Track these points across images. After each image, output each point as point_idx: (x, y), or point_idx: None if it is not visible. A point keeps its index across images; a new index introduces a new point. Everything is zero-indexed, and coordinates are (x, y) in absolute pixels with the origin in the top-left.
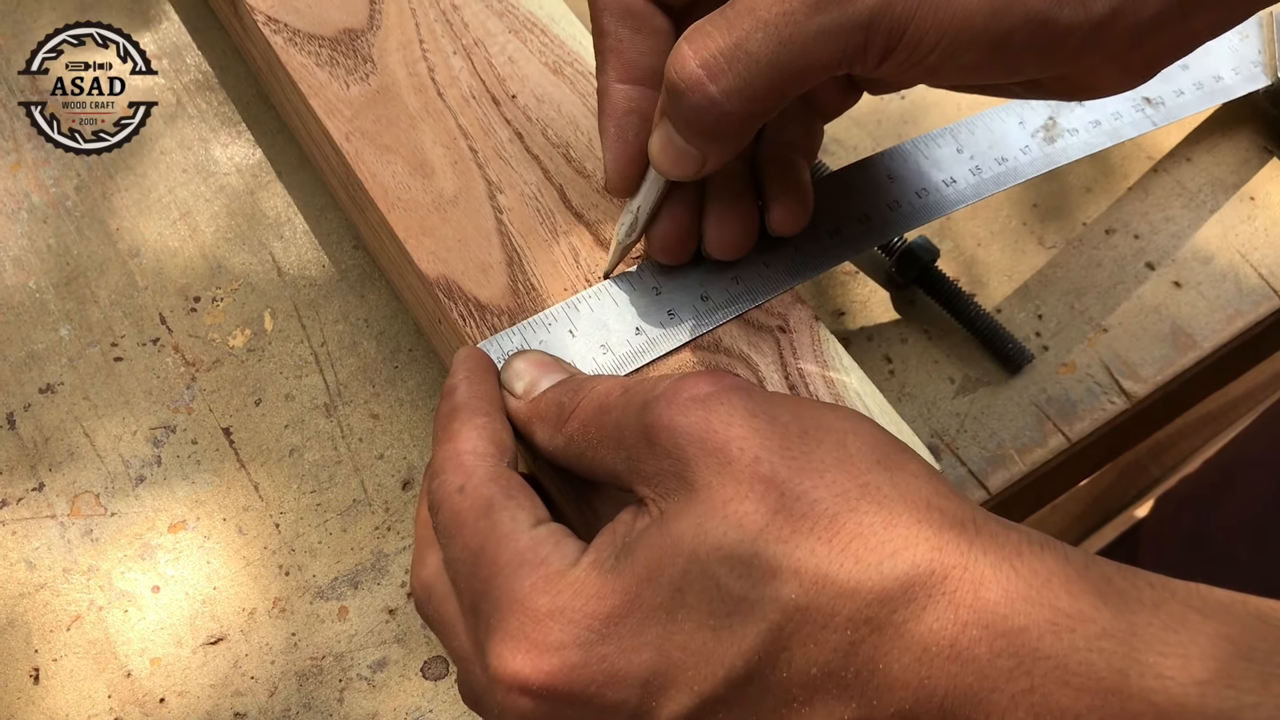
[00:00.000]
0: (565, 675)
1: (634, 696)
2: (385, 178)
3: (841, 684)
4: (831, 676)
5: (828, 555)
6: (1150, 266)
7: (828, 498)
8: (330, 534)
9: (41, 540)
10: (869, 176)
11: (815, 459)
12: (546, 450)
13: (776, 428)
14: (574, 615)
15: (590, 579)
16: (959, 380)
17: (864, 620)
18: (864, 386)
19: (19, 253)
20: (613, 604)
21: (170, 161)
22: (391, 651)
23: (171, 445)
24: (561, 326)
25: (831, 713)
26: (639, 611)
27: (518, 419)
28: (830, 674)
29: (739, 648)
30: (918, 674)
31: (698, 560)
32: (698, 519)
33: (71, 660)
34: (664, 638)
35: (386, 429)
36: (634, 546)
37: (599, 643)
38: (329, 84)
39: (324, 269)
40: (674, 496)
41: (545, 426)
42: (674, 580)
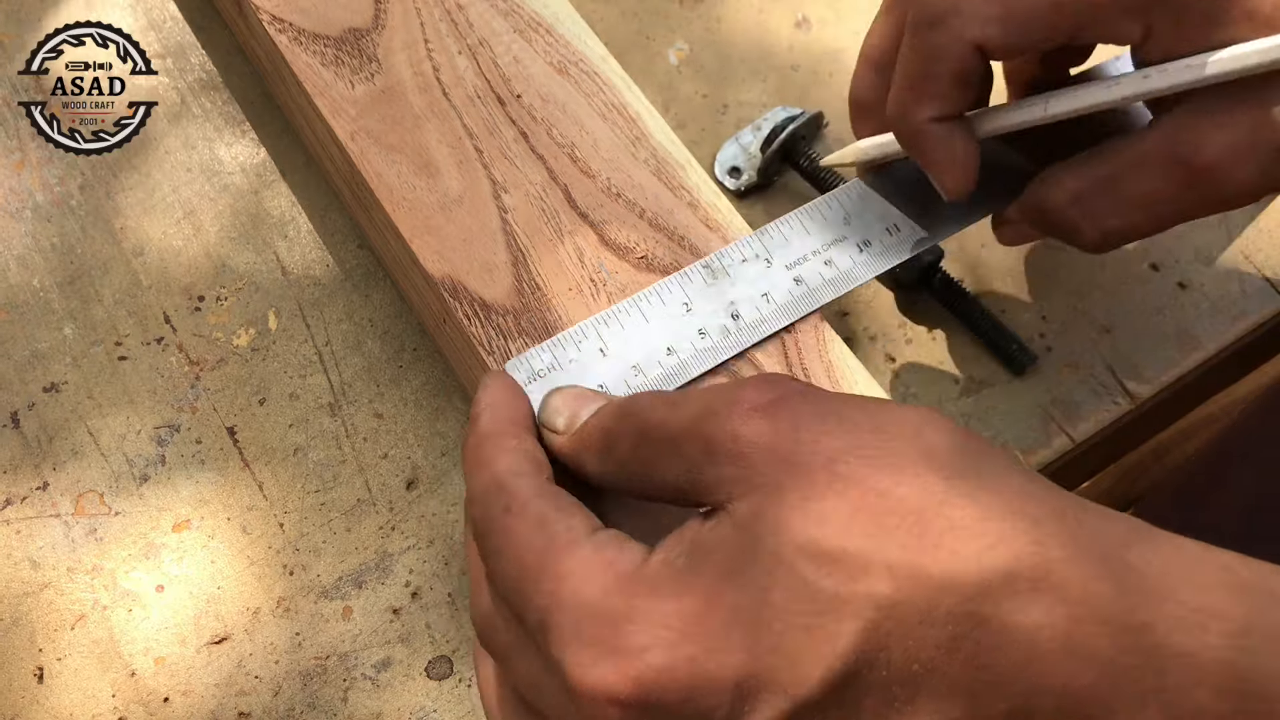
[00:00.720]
0: (652, 679)
1: (725, 702)
2: (390, 177)
3: (947, 681)
4: (935, 673)
5: (919, 549)
6: (1154, 267)
7: (912, 494)
8: (334, 534)
9: (46, 539)
10: (896, 183)
11: (893, 455)
12: (599, 479)
13: (847, 426)
14: (653, 616)
15: (665, 577)
16: (963, 381)
17: (965, 614)
18: (869, 387)
19: (23, 251)
20: (693, 603)
21: (174, 161)
22: (396, 651)
23: (176, 444)
24: (592, 344)
25: (938, 711)
26: (722, 611)
27: (565, 454)
28: (933, 670)
29: (834, 647)
30: (1029, 670)
31: (781, 559)
32: (776, 518)
33: (76, 659)
34: (753, 639)
35: (391, 428)
36: (707, 546)
37: (684, 643)
38: (334, 83)
39: (328, 268)
40: (745, 499)
41: (595, 456)
42: (757, 579)
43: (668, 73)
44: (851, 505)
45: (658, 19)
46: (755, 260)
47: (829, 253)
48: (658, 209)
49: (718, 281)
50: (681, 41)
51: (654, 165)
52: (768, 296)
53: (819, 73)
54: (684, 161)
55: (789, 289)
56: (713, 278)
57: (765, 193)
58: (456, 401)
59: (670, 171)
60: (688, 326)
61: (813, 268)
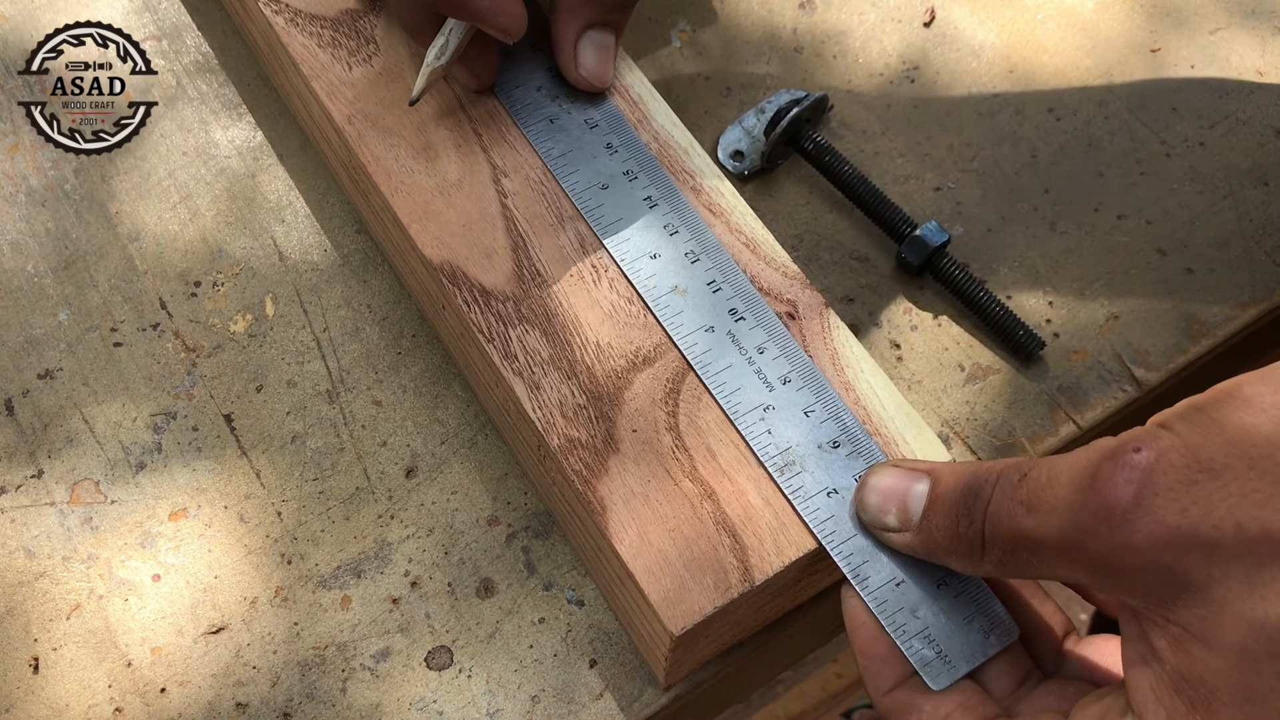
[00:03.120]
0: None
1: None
2: (388, 161)
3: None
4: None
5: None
6: (1162, 252)
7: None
8: (333, 522)
9: (41, 528)
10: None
11: (1268, 480)
12: (975, 575)
13: (1225, 479)
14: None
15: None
16: (969, 368)
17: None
18: (874, 374)
19: (17, 236)
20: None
21: (170, 145)
22: (395, 641)
23: (172, 432)
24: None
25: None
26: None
27: (914, 551)
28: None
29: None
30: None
31: (1276, 654)
32: (1240, 614)
33: (71, 649)
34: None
35: (390, 416)
36: (1197, 678)
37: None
38: (331, 65)
39: (326, 253)
40: (1181, 605)
41: (959, 560)
42: (1269, 684)
43: (670, 54)
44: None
45: (660, 0)
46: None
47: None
48: None
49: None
50: (684, 23)
51: (656, 148)
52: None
53: (823, 55)
54: (687, 145)
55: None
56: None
57: (769, 176)
58: (456, 388)
59: (673, 155)
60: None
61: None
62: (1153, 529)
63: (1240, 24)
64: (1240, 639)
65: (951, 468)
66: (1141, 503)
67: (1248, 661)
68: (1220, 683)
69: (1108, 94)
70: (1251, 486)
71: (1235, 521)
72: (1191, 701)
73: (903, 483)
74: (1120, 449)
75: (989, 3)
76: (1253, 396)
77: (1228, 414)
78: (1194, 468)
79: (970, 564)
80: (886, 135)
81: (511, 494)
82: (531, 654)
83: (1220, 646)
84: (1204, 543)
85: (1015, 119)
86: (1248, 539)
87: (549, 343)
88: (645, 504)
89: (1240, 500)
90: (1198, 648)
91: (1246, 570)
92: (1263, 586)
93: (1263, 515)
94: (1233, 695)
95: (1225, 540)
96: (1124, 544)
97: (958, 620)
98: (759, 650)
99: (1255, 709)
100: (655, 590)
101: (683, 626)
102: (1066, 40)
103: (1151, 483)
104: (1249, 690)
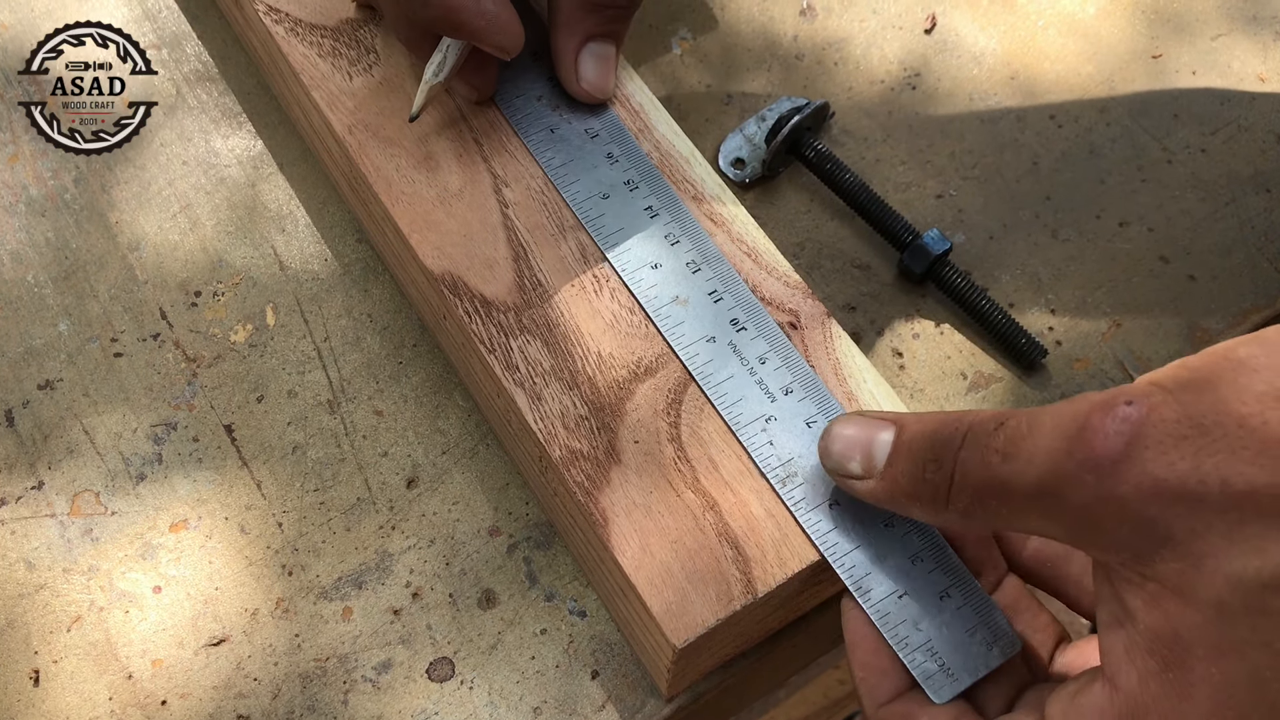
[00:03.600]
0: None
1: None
2: (389, 171)
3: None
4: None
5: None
6: (1165, 260)
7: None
8: (334, 533)
9: (41, 540)
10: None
11: (1274, 433)
12: (932, 522)
13: (1214, 435)
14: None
15: (1162, 696)
16: (971, 376)
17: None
18: (876, 385)
19: (17, 246)
20: (1209, 705)
21: (170, 154)
22: (396, 653)
23: (173, 443)
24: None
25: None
26: (1243, 695)
27: (876, 500)
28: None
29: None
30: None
31: (1252, 608)
32: (1219, 568)
33: (72, 662)
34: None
35: (391, 426)
36: (1173, 637)
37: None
38: (331, 75)
39: (327, 263)
40: (1158, 560)
41: (922, 507)
42: (1243, 637)
43: (671, 62)
44: (1270, 512)
45: (660, 7)
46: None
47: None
48: None
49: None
50: (685, 30)
51: (657, 157)
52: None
53: (824, 62)
54: (688, 154)
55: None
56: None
57: (770, 184)
58: (457, 398)
59: (674, 165)
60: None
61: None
62: (1140, 481)
63: (1242, 30)
64: (1217, 593)
65: (918, 416)
66: (1131, 454)
67: (1223, 615)
68: (1194, 637)
69: (1109, 101)
70: (1240, 444)
71: (1222, 477)
72: (1165, 660)
73: (868, 430)
74: (1111, 400)
75: (990, 10)
76: (1246, 358)
77: (1220, 373)
78: (1184, 424)
79: (933, 511)
80: (888, 143)
81: (513, 504)
82: (533, 665)
83: (1197, 601)
84: (1189, 497)
85: (1017, 126)
86: (1233, 494)
87: (550, 353)
88: (647, 515)
89: (1228, 457)
90: (1174, 603)
91: (1228, 525)
92: (1243, 542)
93: (1249, 472)
94: (1207, 650)
95: (1210, 495)
96: (1109, 494)
97: (960, 632)
98: (762, 660)
99: (1229, 663)
100: (657, 602)
101: (685, 639)
102: (1068, 47)
103: (1142, 435)
104: (1223, 644)
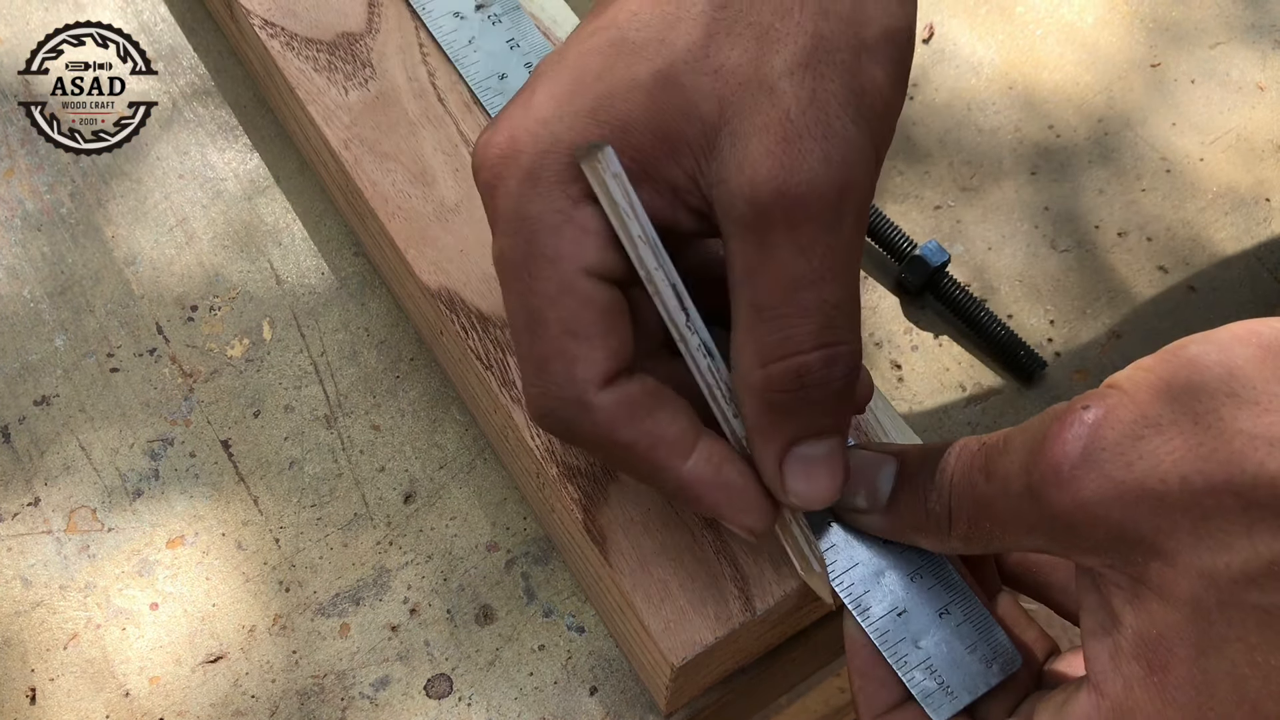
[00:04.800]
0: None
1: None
2: (385, 186)
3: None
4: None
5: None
6: (1164, 270)
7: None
8: (331, 549)
9: (37, 556)
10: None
11: (1228, 428)
12: (943, 552)
13: (1170, 434)
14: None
15: (1145, 701)
16: (970, 388)
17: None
18: (874, 397)
19: (13, 261)
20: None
21: (166, 168)
22: (394, 669)
23: (169, 458)
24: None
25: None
26: (1226, 690)
27: (884, 533)
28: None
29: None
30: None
31: (1226, 604)
32: (1191, 565)
33: (69, 679)
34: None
35: (388, 441)
36: (1155, 639)
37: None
38: (327, 89)
39: (323, 277)
40: (1137, 561)
41: (928, 537)
42: (1220, 634)
43: None
44: (1239, 510)
45: None
46: None
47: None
48: None
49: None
50: None
51: None
52: None
53: None
54: None
55: None
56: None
57: None
58: (454, 413)
59: None
60: None
61: None
62: (1100, 484)
63: (1240, 38)
64: (1191, 591)
65: (918, 447)
66: (1089, 458)
67: (1200, 613)
68: (1175, 638)
69: (1108, 110)
70: (1196, 440)
71: (1180, 475)
72: (1149, 664)
73: (871, 465)
74: (1070, 409)
75: (988, 19)
76: (1198, 355)
77: (1174, 372)
78: (1140, 423)
79: (938, 540)
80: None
81: (510, 519)
82: (531, 681)
83: (1175, 600)
84: (1151, 496)
85: (1015, 136)
86: (1193, 491)
87: None
88: (645, 533)
89: (1185, 454)
90: (1155, 603)
91: (1194, 522)
92: (1209, 538)
93: (1207, 468)
94: (1187, 650)
95: (1171, 493)
96: (1074, 501)
97: (960, 649)
98: (760, 675)
99: (1208, 662)
100: (656, 620)
101: (684, 657)
102: (1066, 56)
103: (1098, 439)
104: (1202, 642)
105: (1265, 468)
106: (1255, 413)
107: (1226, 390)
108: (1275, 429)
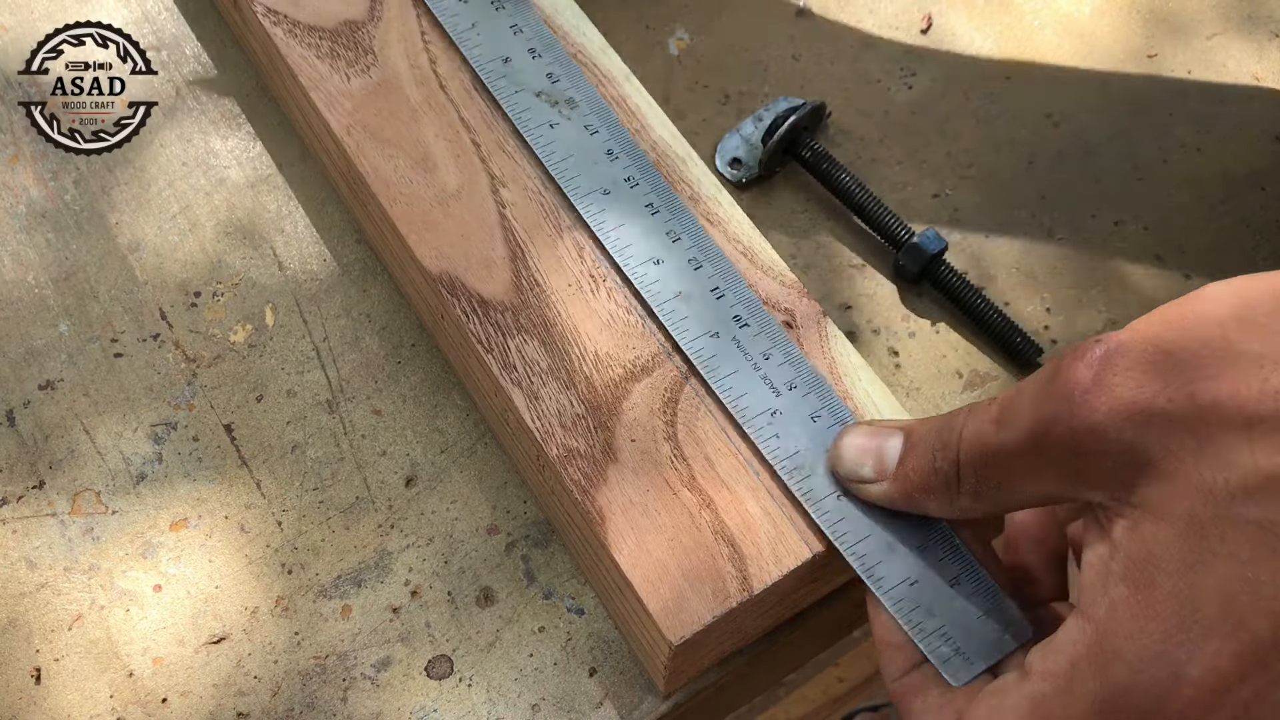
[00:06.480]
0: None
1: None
2: (387, 171)
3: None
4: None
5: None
6: (1160, 258)
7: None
8: (333, 532)
9: (42, 539)
10: None
11: (1236, 349)
12: (946, 514)
13: (1180, 357)
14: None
15: (1128, 614)
16: (967, 375)
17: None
18: (871, 383)
19: (17, 248)
20: (1172, 611)
21: (169, 155)
22: (395, 650)
23: (173, 442)
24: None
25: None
26: (1214, 599)
27: (891, 500)
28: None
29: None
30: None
31: (1221, 518)
32: (1190, 482)
33: (73, 660)
34: (1251, 590)
35: (389, 425)
36: (1145, 555)
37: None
38: (329, 76)
39: (326, 263)
40: (1141, 485)
41: (936, 497)
42: (1212, 548)
43: (667, 63)
44: (1244, 424)
45: (657, 8)
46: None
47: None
48: None
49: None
50: (682, 31)
51: (654, 158)
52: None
53: (821, 62)
54: (685, 155)
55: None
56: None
57: (767, 184)
58: (455, 398)
59: (670, 165)
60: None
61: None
62: (1111, 405)
63: (1237, 30)
64: (1188, 507)
65: (924, 420)
66: (1101, 382)
67: (1193, 528)
68: (1165, 554)
69: (1104, 100)
70: (1204, 360)
71: (1188, 393)
72: (1136, 582)
73: (878, 438)
74: (1083, 345)
75: (986, 9)
76: (1209, 292)
77: (1187, 306)
78: (1151, 350)
79: (947, 500)
80: (884, 142)
81: (511, 502)
82: (531, 662)
83: (1170, 517)
84: (1160, 415)
85: (1012, 125)
86: (1199, 408)
87: (547, 353)
88: (644, 514)
89: (1194, 373)
90: (1150, 524)
91: (1197, 440)
92: (1212, 454)
93: (1213, 386)
94: (1176, 565)
95: (1178, 411)
96: (1085, 424)
97: (972, 618)
98: (759, 657)
99: (1195, 576)
100: (654, 600)
101: (681, 636)
102: (1063, 46)
103: (1111, 364)
104: (1192, 557)
105: (1269, 383)
106: (1263, 334)
107: (1236, 319)
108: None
